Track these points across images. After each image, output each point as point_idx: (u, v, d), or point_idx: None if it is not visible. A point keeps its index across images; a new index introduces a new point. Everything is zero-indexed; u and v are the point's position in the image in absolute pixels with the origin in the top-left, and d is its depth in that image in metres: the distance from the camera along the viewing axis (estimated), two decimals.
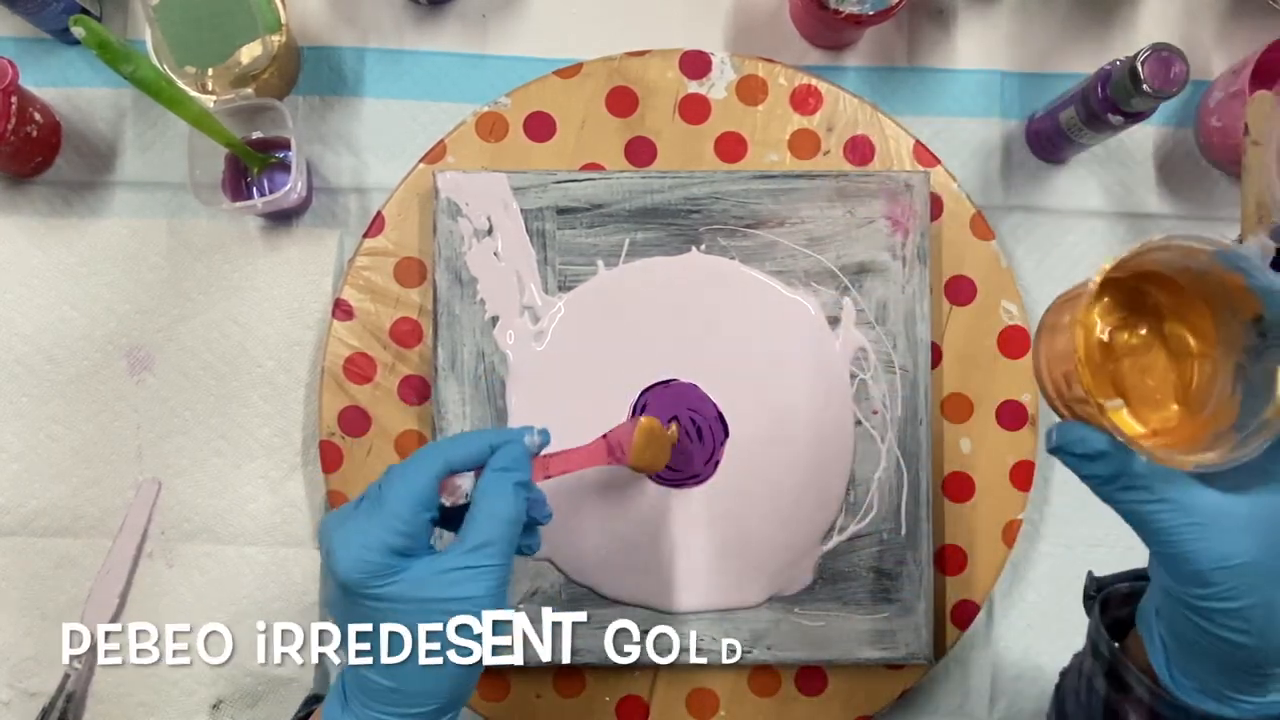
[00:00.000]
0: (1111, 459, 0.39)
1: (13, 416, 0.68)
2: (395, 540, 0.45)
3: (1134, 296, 0.43)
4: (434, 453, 0.48)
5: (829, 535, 0.66)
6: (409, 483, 0.47)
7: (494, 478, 0.48)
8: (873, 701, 0.67)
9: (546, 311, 0.67)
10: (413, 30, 0.71)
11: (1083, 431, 0.40)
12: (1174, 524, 0.39)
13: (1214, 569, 0.38)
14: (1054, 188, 0.72)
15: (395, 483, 0.47)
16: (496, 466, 0.49)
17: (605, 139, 0.69)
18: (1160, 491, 0.39)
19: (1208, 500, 0.39)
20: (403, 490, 0.46)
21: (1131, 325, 0.44)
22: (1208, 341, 0.42)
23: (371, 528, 0.45)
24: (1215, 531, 0.38)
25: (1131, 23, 0.73)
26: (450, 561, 0.46)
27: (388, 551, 0.45)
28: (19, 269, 0.69)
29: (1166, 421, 0.43)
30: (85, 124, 0.70)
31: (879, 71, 0.72)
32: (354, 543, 0.45)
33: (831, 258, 0.67)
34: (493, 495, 0.47)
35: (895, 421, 0.66)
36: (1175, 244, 0.38)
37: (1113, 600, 0.49)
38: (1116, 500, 0.40)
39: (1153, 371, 0.43)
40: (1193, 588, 0.39)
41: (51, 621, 0.67)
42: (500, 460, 0.49)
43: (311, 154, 0.70)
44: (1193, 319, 0.43)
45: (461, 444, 0.49)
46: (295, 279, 0.69)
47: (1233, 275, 0.39)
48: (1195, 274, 0.41)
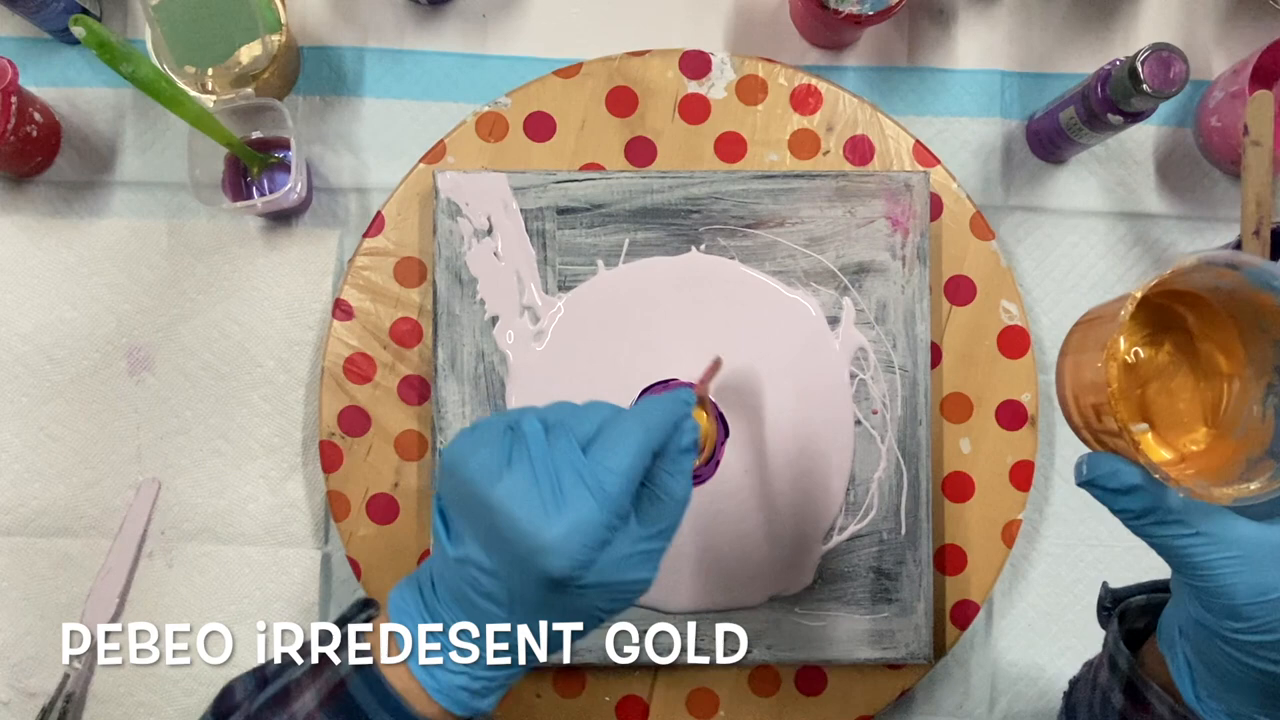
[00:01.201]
0: (1145, 493, 0.38)
1: (13, 416, 0.68)
2: (613, 532, 0.42)
3: (1160, 313, 0.42)
4: (640, 431, 0.43)
5: (829, 535, 0.66)
6: (629, 469, 0.42)
7: (680, 460, 0.45)
8: (873, 701, 0.67)
9: (546, 311, 0.67)
10: (413, 30, 0.71)
11: (1115, 465, 0.39)
12: (1210, 558, 0.38)
13: (1251, 603, 0.37)
14: (1054, 188, 0.72)
15: (613, 467, 0.42)
16: (682, 447, 0.45)
17: (605, 139, 0.69)
18: (1195, 525, 0.38)
19: (1243, 532, 0.38)
20: (624, 480, 0.42)
21: (1157, 342, 0.43)
22: (1237, 361, 0.41)
23: (592, 515, 0.41)
24: (1252, 565, 0.37)
25: (1131, 23, 0.73)
26: (637, 545, 0.43)
27: (603, 542, 0.41)
28: (19, 269, 0.69)
29: (1194, 444, 0.42)
30: (85, 124, 0.70)
31: (879, 71, 0.72)
32: (575, 538, 0.40)
33: (831, 258, 0.67)
34: (679, 477, 0.45)
35: (895, 421, 0.66)
36: (1206, 265, 0.37)
37: (1129, 612, 0.49)
38: (1149, 534, 0.39)
39: (1180, 393, 0.42)
40: (1228, 621, 0.38)
41: (51, 621, 0.67)
42: (684, 440, 0.45)
43: (311, 154, 0.70)
44: (1220, 337, 0.42)
45: (656, 421, 0.44)
46: (295, 279, 0.69)
47: (1264, 294, 0.38)
48: (1224, 292, 0.40)
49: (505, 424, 0.43)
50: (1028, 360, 0.68)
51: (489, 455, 0.42)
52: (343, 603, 0.69)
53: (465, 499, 0.42)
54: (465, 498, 0.42)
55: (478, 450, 0.42)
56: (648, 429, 0.43)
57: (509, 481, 0.41)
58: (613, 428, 0.43)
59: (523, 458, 0.41)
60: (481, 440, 0.43)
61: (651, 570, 0.43)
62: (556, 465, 0.41)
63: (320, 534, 0.69)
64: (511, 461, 0.41)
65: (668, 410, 0.45)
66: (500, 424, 0.43)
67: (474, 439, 0.43)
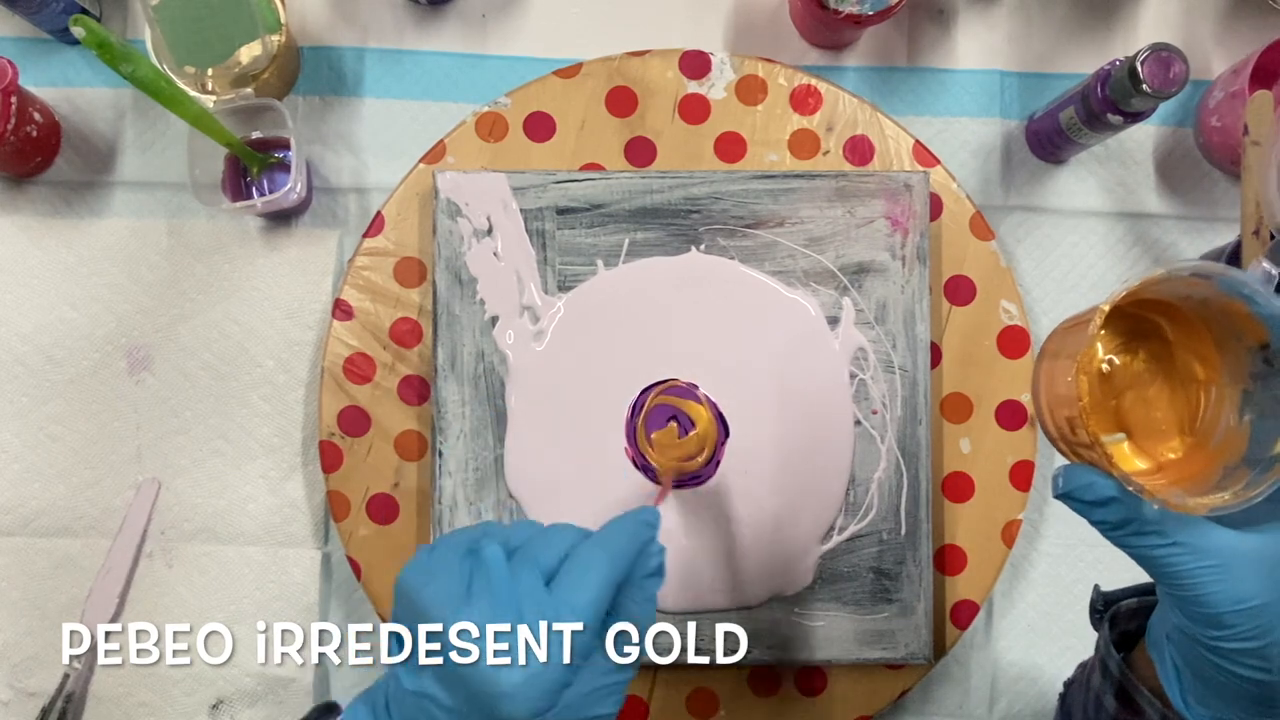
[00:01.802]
0: (1121, 505, 0.38)
1: (13, 416, 0.69)
2: (575, 673, 0.40)
3: (1134, 322, 0.42)
4: (605, 564, 0.41)
5: (829, 535, 0.66)
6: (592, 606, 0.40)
7: (646, 587, 0.43)
8: (873, 702, 0.67)
9: (546, 311, 0.67)
10: (413, 30, 0.71)
11: (1091, 477, 0.39)
12: (1188, 568, 0.38)
13: (1230, 611, 0.37)
14: (1054, 188, 0.72)
15: (576, 604, 0.40)
16: (649, 572, 0.44)
17: (605, 139, 0.69)
18: (1173, 535, 0.38)
19: (1221, 541, 0.38)
20: (589, 619, 0.40)
21: (1133, 350, 0.42)
22: (1212, 368, 0.41)
23: (552, 664, 0.39)
24: (1230, 573, 0.37)
25: (1131, 23, 0.73)
26: (601, 679, 0.41)
27: (565, 684, 0.40)
28: (19, 269, 0.69)
29: (1171, 453, 0.42)
30: (85, 124, 0.70)
31: (879, 71, 0.72)
32: (535, 683, 0.39)
33: (831, 258, 0.67)
34: (645, 605, 0.43)
35: (895, 421, 0.66)
36: (1175, 276, 0.37)
37: (1120, 615, 0.49)
38: (1127, 545, 0.40)
39: (1156, 402, 0.42)
40: (1209, 629, 0.38)
41: (51, 621, 0.67)
42: (651, 564, 0.44)
43: (311, 154, 0.70)
44: (1196, 345, 0.41)
45: (620, 549, 0.42)
46: (295, 279, 0.69)
47: (1235, 302, 0.38)
48: (1197, 301, 0.40)
49: (466, 547, 0.42)
50: (1027, 360, 0.68)
51: (447, 585, 0.40)
52: (343, 602, 0.69)
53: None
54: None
55: (435, 578, 0.41)
56: (613, 559, 0.42)
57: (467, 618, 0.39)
58: (577, 559, 0.41)
59: (483, 590, 0.40)
60: (439, 566, 0.41)
61: (616, 704, 0.42)
62: (519, 601, 0.40)
63: (320, 534, 0.69)
64: (471, 594, 0.40)
65: (633, 536, 0.43)
66: (460, 547, 0.42)
67: (431, 563, 0.41)
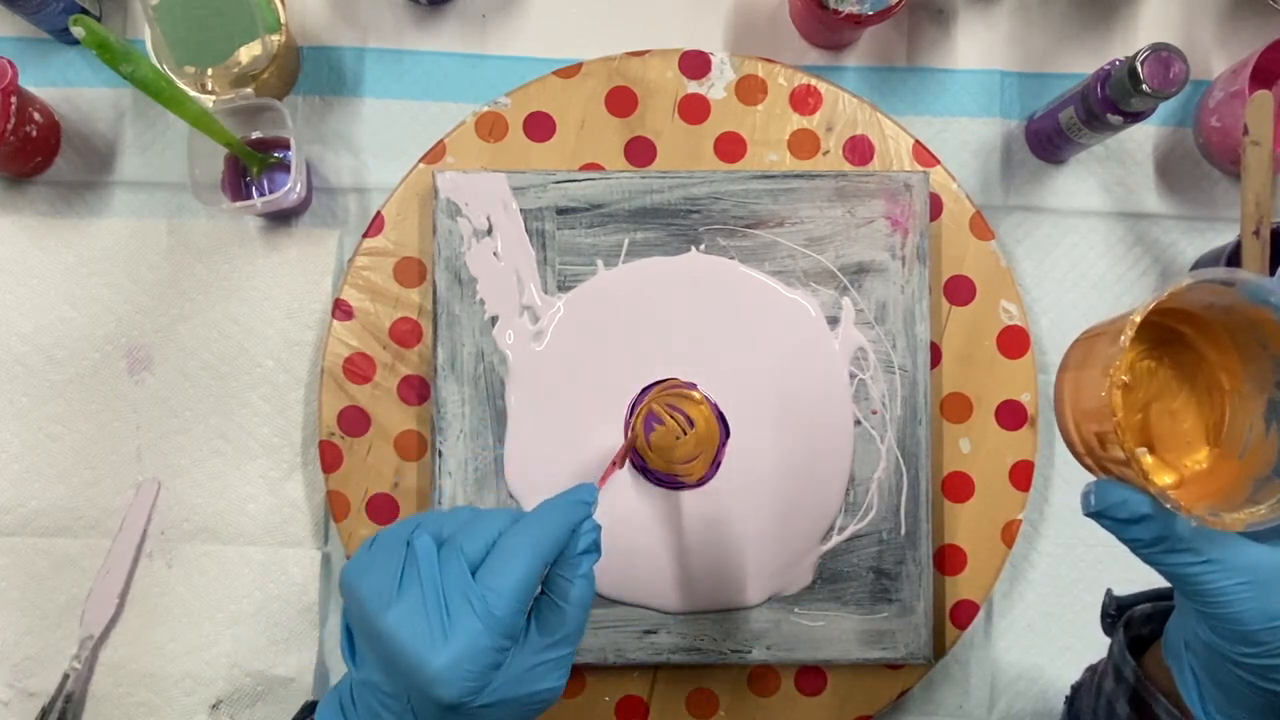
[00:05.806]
0: (1155, 522, 0.38)
1: (13, 416, 0.69)
2: (504, 653, 0.42)
3: (1156, 331, 0.42)
4: (528, 548, 0.43)
5: (828, 535, 0.66)
6: (516, 590, 0.42)
7: (577, 564, 0.45)
8: (872, 701, 0.67)
9: (546, 311, 0.67)
10: (413, 30, 0.71)
11: (1124, 494, 0.38)
12: (1221, 585, 0.37)
13: (1264, 629, 0.37)
14: (1054, 188, 0.72)
15: (500, 589, 0.42)
16: (579, 551, 0.45)
17: (605, 139, 0.69)
18: (1205, 552, 0.38)
19: (1254, 558, 0.37)
20: (513, 601, 0.42)
21: (1155, 358, 0.42)
22: (1236, 377, 0.41)
23: (478, 640, 0.41)
24: (1263, 590, 0.37)
25: (1131, 23, 0.73)
26: (538, 656, 0.43)
27: (494, 665, 0.42)
28: (19, 269, 0.69)
29: (1196, 464, 0.41)
30: (85, 124, 0.70)
31: (878, 71, 0.72)
32: (462, 665, 0.41)
33: (831, 258, 0.67)
34: (578, 581, 0.45)
35: (895, 421, 0.66)
36: (1202, 285, 0.37)
37: (1133, 620, 0.48)
38: (1159, 562, 0.39)
39: (1180, 413, 0.42)
40: (1240, 646, 0.38)
41: (51, 621, 0.67)
42: (581, 543, 0.45)
43: (311, 154, 0.71)
44: (1219, 354, 0.41)
45: (547, 532, 0.44)
46: (295, 279, 0.69)
47: (1261, 310, 0.38)
48: (1221, 309, 0.39)
49: (402, 538, 0.44)
50: (1027, 360, 0.68)
51: (380, 578, 0.42)
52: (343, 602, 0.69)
53: (361, 623, 0.43)
54: (361, 621, 0.43)
55: (370, 572, 0.43)
56: (536, 543, 0.43)
57: (399, 608, 0.41)
58: (502, 545, 0.43)
59: (413, 580, 0.42)
60: (375, 560, 0.43)
61: (558, 679, 0.44)
62: (446, 589, 0.42)
63: (320, 534, 0.69)
64: (402, 585, 0.42)
65: (563, 517, 0.45)
66: (398, 539, 0.44)
67: (369, 558, 0.44)
